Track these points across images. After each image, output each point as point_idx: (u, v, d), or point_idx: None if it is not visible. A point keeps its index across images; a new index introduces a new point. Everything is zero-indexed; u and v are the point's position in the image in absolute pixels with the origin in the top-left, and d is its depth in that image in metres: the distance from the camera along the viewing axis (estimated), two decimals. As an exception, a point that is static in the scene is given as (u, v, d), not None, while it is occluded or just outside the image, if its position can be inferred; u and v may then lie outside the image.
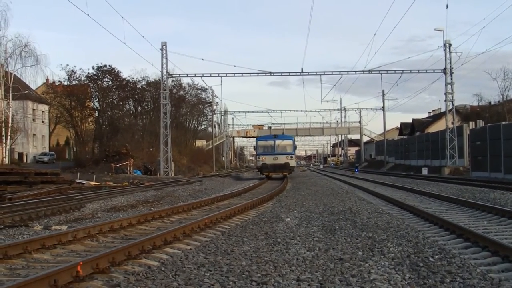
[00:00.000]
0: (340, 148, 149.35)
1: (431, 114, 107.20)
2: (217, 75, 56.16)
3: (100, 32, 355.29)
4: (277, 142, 45.75)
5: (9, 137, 58.36)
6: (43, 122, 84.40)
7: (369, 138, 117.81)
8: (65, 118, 77.75)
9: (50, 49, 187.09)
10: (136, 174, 54.52)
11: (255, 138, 60.91)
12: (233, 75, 55.82)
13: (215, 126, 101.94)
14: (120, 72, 75.71)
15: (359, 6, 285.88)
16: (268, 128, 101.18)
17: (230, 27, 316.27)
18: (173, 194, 27.44)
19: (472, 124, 57.91)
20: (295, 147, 47.65)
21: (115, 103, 76.37)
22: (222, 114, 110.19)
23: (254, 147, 49.34)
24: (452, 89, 54.80)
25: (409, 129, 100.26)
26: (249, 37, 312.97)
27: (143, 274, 7.88)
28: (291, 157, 45.49)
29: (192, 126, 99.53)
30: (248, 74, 56.33)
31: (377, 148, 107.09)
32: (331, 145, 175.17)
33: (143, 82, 78.58)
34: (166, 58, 55.04)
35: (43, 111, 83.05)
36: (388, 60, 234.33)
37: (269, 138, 47.58)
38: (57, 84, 74.81)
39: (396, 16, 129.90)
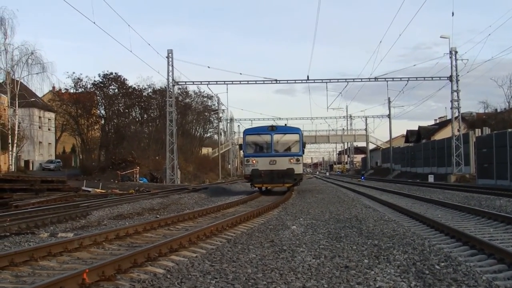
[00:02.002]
0: (346, 156, 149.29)
1: (437, 121, 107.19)
2: (223, 82, 56.02)
3: (106, 40, 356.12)
4: (276, 137, 32.19)
5: (15, 145, 58.57)
6: (49, 129, 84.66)
7: (375, 146, 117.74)
8: (71, 125, 78.08)
9: (56, 57, 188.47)
10: (142, 181, 54.58)
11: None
12: (239, 82, 55.78)
13: (221, 134, 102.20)
14: (126, 79, 75.99)
15: (364, 13, 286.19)
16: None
17: (236, 35, 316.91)
18: (179, 201, 27.48)
19: (478, 132, 57.88)
20: (304, 145, 33.28)
21: (121, 110, 76.60)
22: (228, 121, 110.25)
23: (240, 145, 36.44)
24: (458, 97, 54.76)
25: (415, 136, 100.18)
26: (255, 45, 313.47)
27: (149, 281, 7.90)
28: (298, 159, 31.65)
29: (198, 134, 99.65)
30: (254, 82, 56.03)
31: (383, 156, 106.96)
32: (337, 152, 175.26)
33: (149, 90, 78.78)
34: (172, 65, 55.11)
35: (49, 119, 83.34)
36: (394, 68, 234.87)
37: (263, 130, 33.20)
38: (63, 91, 75.16)
39: (402, 24, 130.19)
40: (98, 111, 77.72)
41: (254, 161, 31.37)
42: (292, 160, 31.27)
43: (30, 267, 9.25)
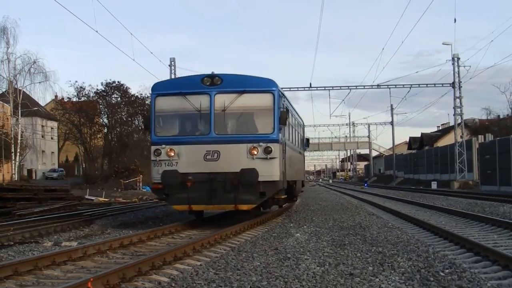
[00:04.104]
0: (349, 163, 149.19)
1: (440, 128, 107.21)
2: (225, 90, 55.68)
3: (109, 49, 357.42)
4: (221, 99, 16.50)
5: (18, 154, 58.69)
6: (52, 138, 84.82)
7: (378, 153, 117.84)
8: (74, 134, 78.20)
9: (59, 66, 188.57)
10: (145, 190, 54.53)
11: None
12: (241, 90, 55.50)
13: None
14: (129, 88, 76.21)
15: (367, 21, 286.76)
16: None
17: (239, 43, 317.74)
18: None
19: (481, 138, 57.87)
20: (282, 119, 16.77)
21: (124, 119, 76.63)
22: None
23: (146, 117, 21.45)
24: (460, 103, 54.83)
25: (418, 143, 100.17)
26: (257, 53, 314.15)
27: (154, 290, 7.90)
28: (268, 149, 15.97)
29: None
30: (257, 90, 55.73)
31: (386, 163, 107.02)
32: (340, 160, 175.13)
33: (152, 98, 78.62)
34: (175, 74, 55.00)
35: (52, 128, 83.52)
36: (397, 75, 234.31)
37: (191, 85, 16.93)
38: (66, 100, 75.29)
39: (404, 31, 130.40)
40: (101, 120, 77.85)
41: (171, 153, 16.18)
42: (255, 151, 15.78)
43: (34, 276, 9.26)
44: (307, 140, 27.26)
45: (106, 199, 37.25)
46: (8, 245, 13.50)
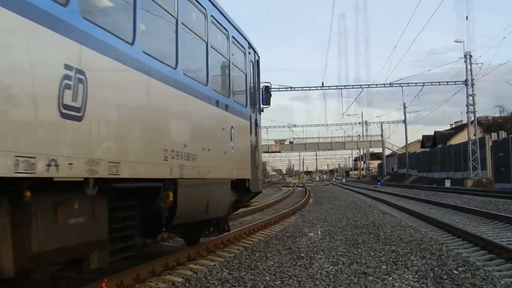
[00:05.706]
0: (362, 162, 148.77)
1: (453, 126, 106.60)
2: (237, 90, 55.41)
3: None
4: None
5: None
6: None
7: (391, 151, 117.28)
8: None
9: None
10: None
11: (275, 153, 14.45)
12: (253, 90, 55.34)
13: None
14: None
15: (378, 20, 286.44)
16: (290, 143, 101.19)
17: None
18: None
19: (494, 135, 57.53)
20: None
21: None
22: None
23: None
24: (473, 101, 54.56)
25: (431, 141, 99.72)
26: (270, 53, 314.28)
27: (168, 290, 7.92)
28: None
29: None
30: (269, 90, 55.68)
31: (400, 161, 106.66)
32: (353, 159, 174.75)
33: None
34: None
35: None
36: (409, 73, 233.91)
37: None
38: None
39: (416, 29, 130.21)
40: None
41: None
42: None
43: (48, 277, 9.28)
44: (266, 88, 14.57)
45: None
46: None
